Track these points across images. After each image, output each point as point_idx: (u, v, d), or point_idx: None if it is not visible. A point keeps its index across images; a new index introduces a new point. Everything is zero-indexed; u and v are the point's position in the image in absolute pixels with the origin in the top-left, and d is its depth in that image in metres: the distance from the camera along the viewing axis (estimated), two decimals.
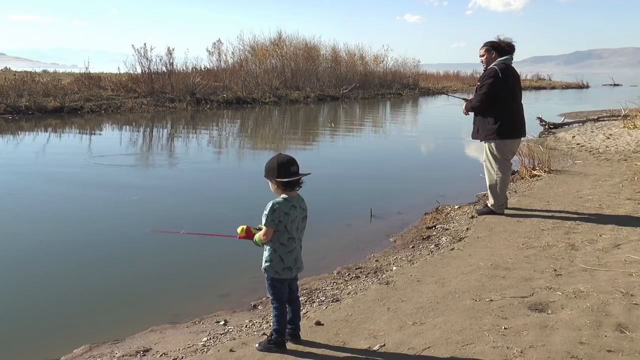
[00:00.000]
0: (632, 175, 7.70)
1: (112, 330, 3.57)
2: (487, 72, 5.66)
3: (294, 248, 2.93)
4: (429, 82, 40.91)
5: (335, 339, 3.13)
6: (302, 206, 2.97)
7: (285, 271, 2.93)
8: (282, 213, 2.85)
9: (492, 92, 5.58)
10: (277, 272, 2.92)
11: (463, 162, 10.94)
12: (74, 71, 27.71)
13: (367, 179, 8.89)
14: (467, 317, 3.31)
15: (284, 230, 2.88)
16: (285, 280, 2.96)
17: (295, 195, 2.93)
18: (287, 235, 2.90)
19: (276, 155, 2.92)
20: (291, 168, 2.84)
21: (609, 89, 50.26)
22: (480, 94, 5.66)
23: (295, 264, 2.96)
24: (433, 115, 22.88)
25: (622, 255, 4.37)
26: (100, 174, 8.57)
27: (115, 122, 16.51)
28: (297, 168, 2.86)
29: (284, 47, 29.66)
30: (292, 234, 2.91)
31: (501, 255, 4.53)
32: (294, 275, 2.99)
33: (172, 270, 4.75)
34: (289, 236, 2.90)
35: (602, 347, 2.87)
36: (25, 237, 5.54)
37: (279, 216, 2.85)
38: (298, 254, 2.97)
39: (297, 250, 2.96)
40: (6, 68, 37.55)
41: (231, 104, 22.25)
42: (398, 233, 5.71)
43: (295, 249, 2.93)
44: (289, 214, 2.87)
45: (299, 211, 2.93)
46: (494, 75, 5.57)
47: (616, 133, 12.65)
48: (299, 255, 2.97)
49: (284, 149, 12.21)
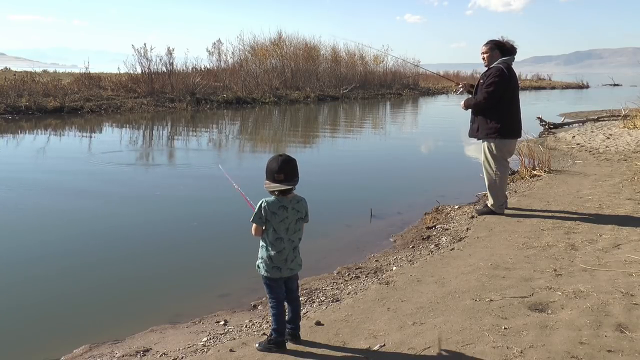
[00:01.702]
0: (632, 175, 7.69)
1: (112, 330, 3.57)
2: (493, 70, 5.63)
3: (282, 248, 2.91)
4: (429, 82, 40.89)
5: (335, 339, 3.13)
6: (296, 207, 2.93)
7: (274, 270, 2.92)
8: (269, 212, 2.87)
9: (498, 90, 5.57)
10: (266, 271, 2.93)
11: (463, 162, 10.94)
12: (74, 71, 27.71)
13: (367, 179, 8.89)
14: (467, 317, 3.31)
15: (272, 230, 2.89)
16: (277, 279, 2.95)
17: (290, 197, 2.92)
18: (275, 235, 2.90)
19: (275, 156, 2.91)
20: (276, 176, 2.82)
21: (609, 89, 50.26)
22: (487, 91, 5.60)
23: (285, 264, 2.94)
24: (433, 116, 22.88)
25: (622, 255, 4.37)
26: (99, 174, 8.57)
27: (116, 122, 16.51)
28: (284, 176, 2.82)
29: (284, 47, 29.69)
30: (281, 235, 2.90)
31: (501, 255, 4.53)
32: (284, 276, 2.96)
33: (172, 270, 4.75)
34: (277, 236, 2.90)
35: (602, 347, 2.87)
36: (25, 237, 5.53)
37: (266, 215, 2.87)
38: (289, 254, 2.94)
39: (288, 251, 2.93)
40: (6, 68, 37.56)
41: (231, 104, 22.25)
42: (398, 233, 5.71)
43: (284, 249, 2.92)
44: (276, 214, 2.87)
45: (291, 212, 2.91)
46: (501, 73, 5.57)
47: (616, 133, 12.65)
48: (290, 256, 2.94)
49: (284, 149, 12.22)
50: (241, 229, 3.72)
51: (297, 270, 3.02)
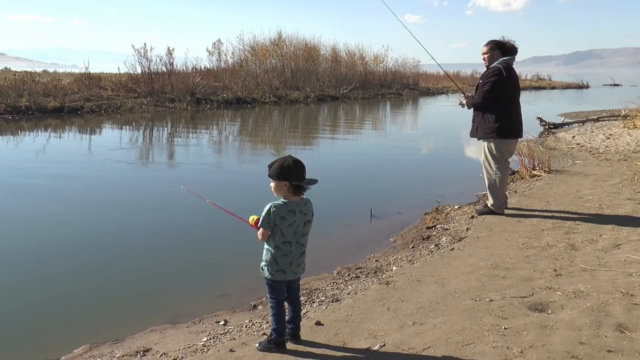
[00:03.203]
0: (632, 175, 7.69)
1: (112, 330, 3.56)
2: (491, 70, 5.64)
3: (289, 252, 2.90)
4: (429, 82, 40.88)
5: (335, 339, 3.13)
6: (304, 211, 2.91)
7: (279, 273, 2.91)
8: (278, 217, 2.85)
9: (495, 90, 5.57)
10: (270, 274, 2.92)
11: (463, 162, 10.94)
12: (74, 71, 27.72)
13: (367, 179, 8.89)
14: (467, 317, 3.31)
15: (279, 234, 2.87)
16: (280, 281, 2.94)
17: (299, 200, 2.90)
18: (282, 239, 2.88)
19: (285, 157, 2.88)
20: (304, 172, 2.83)
21: (609, 89, 50.28)
22: (484, 90, 5.62)
23: (290, 267, 2.93)
24: (433, 115, 22.88)
25: (622, 255, 4.37)
26: (98, 174, 8.58)
27: (116, 122, 16.51)
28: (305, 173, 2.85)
29: (284, 47, 29.69)
30: (288, 238, 2.89)
31: (501, 255, 4.53)
32: (288, 279, 2.95)
33: (172, 270, 4.75)
34: (284, 240, 2.88)
35: (602, 347, 2.87)
36: (25, 237, 5.53)
37: (275, 219, 2.84)
38: (294, 257, 2.93)
39: (294, 254, 2.92)
40: (6, 68, 37.57)
41: (231, 104, 22.25)
42: (398, 233, 5.71)
43: (290, 252, 2.91)
44: (285, 218, 2.85)
45: (299, 216, 2.89)
46: (498, 73, 5.57)
47: (616, 133, 12.65)
48: (295, 259, 2.93)
49: (284, 149, 12.22)
50: (241, 229, 3.72)
51: (300, 273, 3.02)
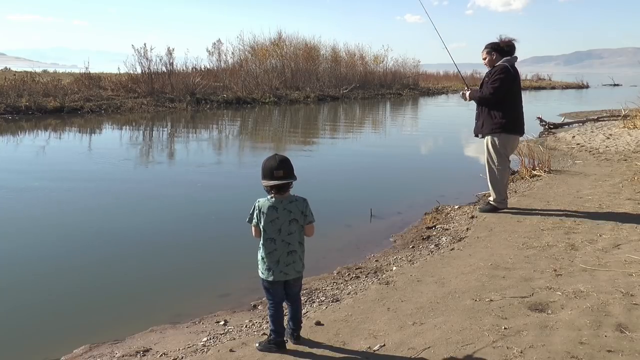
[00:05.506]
0: (632, 175, 7.69)
1: (112, 330, 3.57)
2: (499, 67, 5.73)
3: (273, 250, 2.89)
4: (429, 82, 40.88)
5: (335, 339, 3.13)
6: (288, 208, 2.89)
7: (268, 272, 2.91)
8: (260, 212, 2.87)
9: (503, 87, 5.66)
10: (261, 272, 2.94)
11: (463, 162, 10.94)
12: (74, 71, 27.70)
13: (367, 179, 8.90)
14: (467, 317, 3.31)
15: (263, 231, 2.90)
16: (273, 282, 2.92)
17: (285, 197, 2.90)
18: (266, 236, 2.89)
19: (270, 156, 2.90)
20: (275, 172, 2.81)
21: (609, 89, 50.26)
22: (493, 86, 5.69)
23: (277, 266, 2.89)
24: (433, 115, 22.87)
25: (622, 255, 4.36)
26: (98, 174, 8.57)
27: (116, 122, 16.51)
28: (283, 172, 2.81)
29: (284, 47, 29.68)
30: (272, 235, 2.88)
31: (501, 255, 4.53)
32: (277, 280, 2.90)
33: (172, 270, 4.75)
34: (267, 237, 2.89)
35: (602, 347, 2.87)
36: (24, 237, 5.53)
37: (256, 215, 2.88)
38: (281, 256, 2.89)
39: (279, 252, 2.89)
40: (6, 68, 37.54)
41: (231, 104, 22.25)
42: (398, 233, 5.71)
43: (275, 250, 2.89)
44: (266, 214, 2.86)
45: (282, 212, 2.88)
46: (506, 71, 5.69)
47: (616, 133, 12.65)
48: (283, 258, 2.89)
49: (284, 149, 12.22)
50: (241, 229, 3.72)
51: (292, 276, 2.94)
